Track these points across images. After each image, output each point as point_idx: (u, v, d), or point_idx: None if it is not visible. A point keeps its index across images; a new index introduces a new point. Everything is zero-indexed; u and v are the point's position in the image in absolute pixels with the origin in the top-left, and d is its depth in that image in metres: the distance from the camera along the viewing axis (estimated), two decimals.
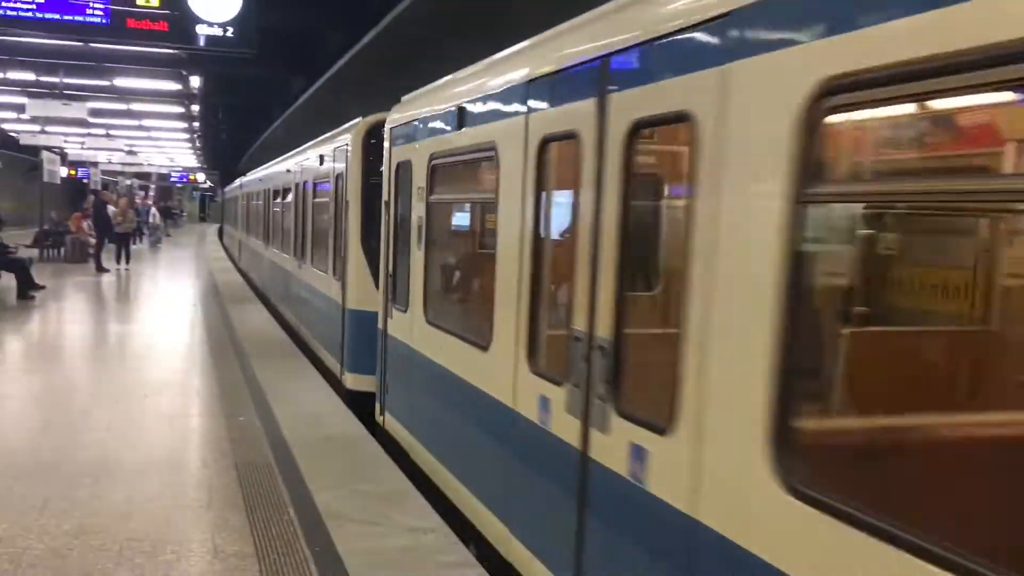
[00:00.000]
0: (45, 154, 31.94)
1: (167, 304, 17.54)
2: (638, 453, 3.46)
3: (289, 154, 15.85)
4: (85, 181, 44.64)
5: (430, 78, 7.29)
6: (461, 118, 5.80)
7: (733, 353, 2.89)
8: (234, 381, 9.55)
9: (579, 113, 4.07)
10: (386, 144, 7.73)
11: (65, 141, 38.87)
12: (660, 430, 3.29)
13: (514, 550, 4.66)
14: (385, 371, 7.73)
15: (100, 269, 23.06)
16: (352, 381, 9.19)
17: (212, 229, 56.82)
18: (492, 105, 5.34)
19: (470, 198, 6.66)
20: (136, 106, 29.70)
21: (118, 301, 17.88)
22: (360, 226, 9.16)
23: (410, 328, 6.86)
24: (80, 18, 8.89)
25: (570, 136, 4.15)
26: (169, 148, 48.12)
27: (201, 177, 68.08)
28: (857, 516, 2.32)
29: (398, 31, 14.02)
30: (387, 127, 7.76)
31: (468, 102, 5.72)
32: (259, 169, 18.31)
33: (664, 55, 3.46)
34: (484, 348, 5.16)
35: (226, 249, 35.34)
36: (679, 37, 3.33)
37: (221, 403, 8.53)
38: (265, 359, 10.85)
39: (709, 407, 3.01)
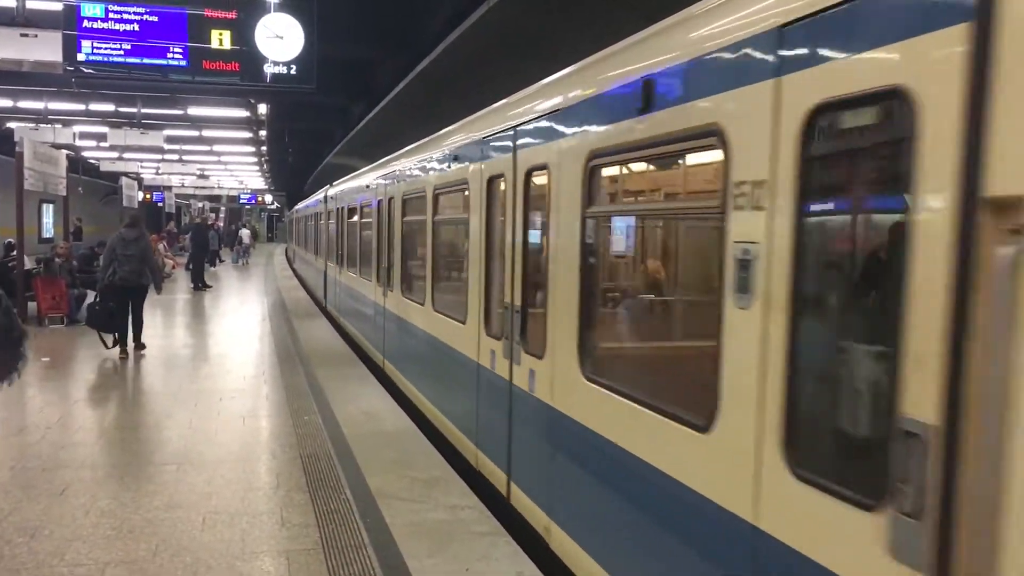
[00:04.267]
0: (124, 179, 33.69)
1: (239, 318, 18.70)
2: (532, 374, 5.54)
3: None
4: (160, 204, 46.75)
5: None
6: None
7: (565, 310, 4.94)
8: (300, 386, 10.47)
9: (507, 163, 6.25)
10: None
11: (141, 166, 40.90)
12: (540, 357, 5.25)
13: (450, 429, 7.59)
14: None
15: (204, 286, 24.66)
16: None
17: (279, 248, 58.71)
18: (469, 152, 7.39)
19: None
20: (207, 132, 31.26)
21: (194, 316, 19.09)
22: None
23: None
24: (162, 61, 9.99)
25: (500, 175, 6.43)
26: (238, 171, 50.01)
27: (268, 199, 70.26)
28: (609, 384, 4.45)
29: (449, 59, 14.92)
30: None
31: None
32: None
33: (536, 134, 5.66)
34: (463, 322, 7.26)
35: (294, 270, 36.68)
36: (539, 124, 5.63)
37: (289, 405, 9.44)
38: (327, 367, 11.76)
39: (558, 342, 5.05)
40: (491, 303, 6.60)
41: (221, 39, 10.18)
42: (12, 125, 25.68)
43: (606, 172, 4.79)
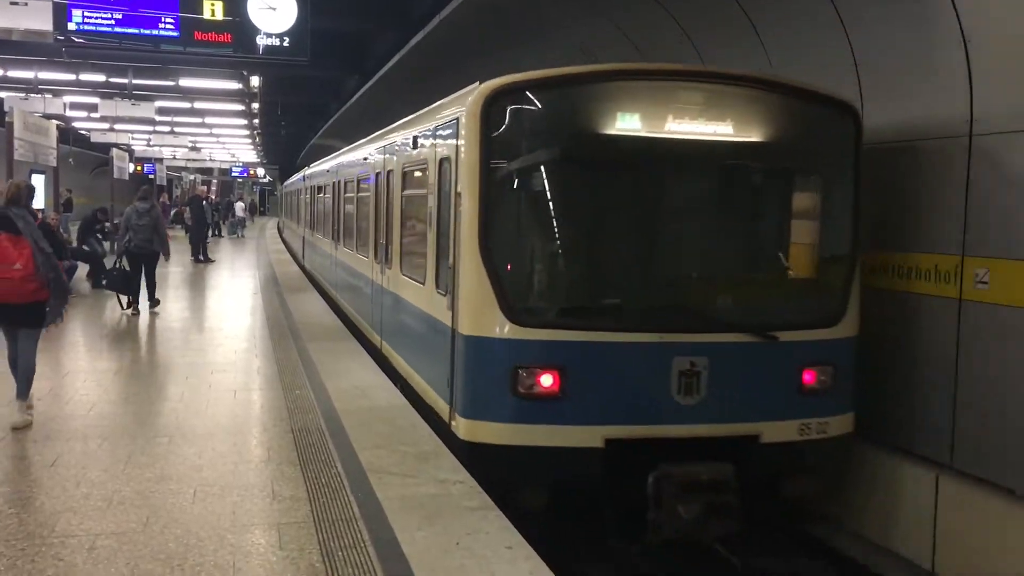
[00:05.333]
0: (114, 151, 33.47)
1: (232, 292, 18.69)
2: (389, 279, 10.00)
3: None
4: (151, 176, 46.44)
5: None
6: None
7: (397, 242, 9.65)
8: (291, 360, 10.47)
9: (381, 165, 10.86)
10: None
11: (132, 138, 40.56)
12: (390, 268, 9.73)
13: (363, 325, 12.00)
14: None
15: (207, 260, 24.65)
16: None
17: (272, 223, 58.57)
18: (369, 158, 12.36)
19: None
20: (199, 104, 31.01)
21: (188, 288, 19.06)
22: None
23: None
24: (154, 31, 9.88)
25: (391, 171, 10.34)
26: (231, 144, 49.70)
27: (261, 172, 69.85)
28: (410, 274, 8.90)
29: (443, 34, 14.82)
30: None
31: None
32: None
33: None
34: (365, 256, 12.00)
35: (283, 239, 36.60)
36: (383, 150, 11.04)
37: (280, 378, 9.45)
38: (319, 341, 11.77)
39: (394, 258, 9.65)
40: (378, 243, 10.96)
41: (213, 9, 10.08)
42: (2, 95, 25.45)
43: (409, 175, 9.26)
